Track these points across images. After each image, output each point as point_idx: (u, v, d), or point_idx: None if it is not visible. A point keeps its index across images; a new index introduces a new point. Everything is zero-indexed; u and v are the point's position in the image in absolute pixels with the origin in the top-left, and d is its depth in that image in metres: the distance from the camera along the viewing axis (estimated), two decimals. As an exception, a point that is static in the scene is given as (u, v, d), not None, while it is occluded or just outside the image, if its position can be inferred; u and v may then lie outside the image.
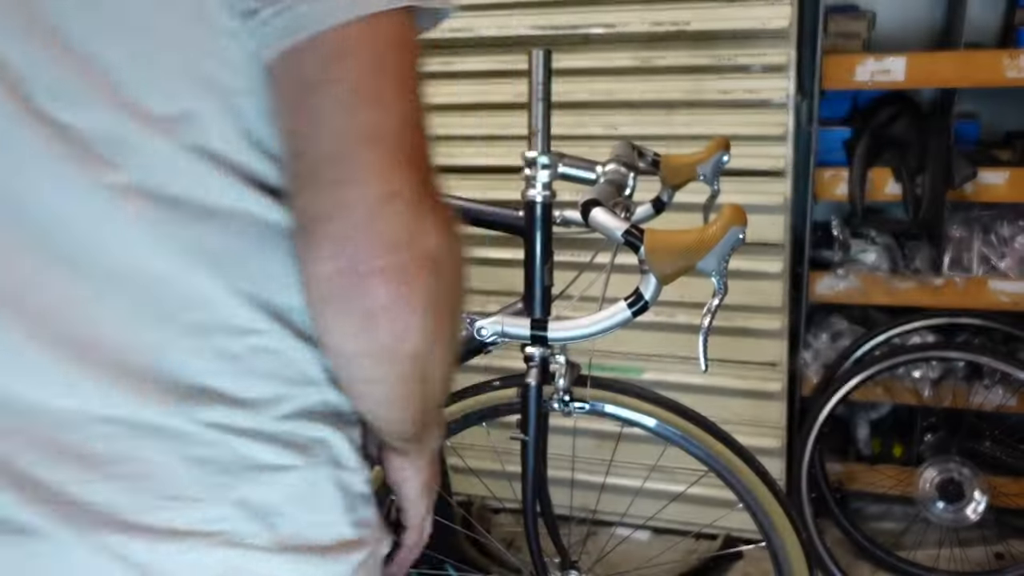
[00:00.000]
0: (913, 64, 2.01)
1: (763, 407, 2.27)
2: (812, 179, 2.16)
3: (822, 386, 2.27)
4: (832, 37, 2.16)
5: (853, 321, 2.37)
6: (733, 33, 2.00)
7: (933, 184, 2.03)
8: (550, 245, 1.17)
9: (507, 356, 1.47)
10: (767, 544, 1.30)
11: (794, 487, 2.21)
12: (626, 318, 1.02)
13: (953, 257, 2.18)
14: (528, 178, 1.13)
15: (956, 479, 2.21)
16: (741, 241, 0.96)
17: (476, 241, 2.29)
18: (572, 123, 2.14)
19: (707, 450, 1.27)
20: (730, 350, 2.23)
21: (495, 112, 2.21)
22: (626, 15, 2.04)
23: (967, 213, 2.19)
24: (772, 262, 2.12)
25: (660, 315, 2.20)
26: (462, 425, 1.38)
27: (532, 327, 1.13)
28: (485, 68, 2.18)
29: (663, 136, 2.09)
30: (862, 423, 2.43)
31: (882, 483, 2.34)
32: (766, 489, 1.26)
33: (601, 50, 2.11)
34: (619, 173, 1.21)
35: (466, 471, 2.34)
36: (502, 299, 2.12)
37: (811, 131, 2.13)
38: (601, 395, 1.27)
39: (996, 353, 2.10)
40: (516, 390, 1.28)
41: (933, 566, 2.22)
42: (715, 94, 2.06)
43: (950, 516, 2.22)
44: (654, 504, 2.02)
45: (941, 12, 2.27)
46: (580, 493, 2.13)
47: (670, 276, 0.98)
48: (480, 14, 2.13)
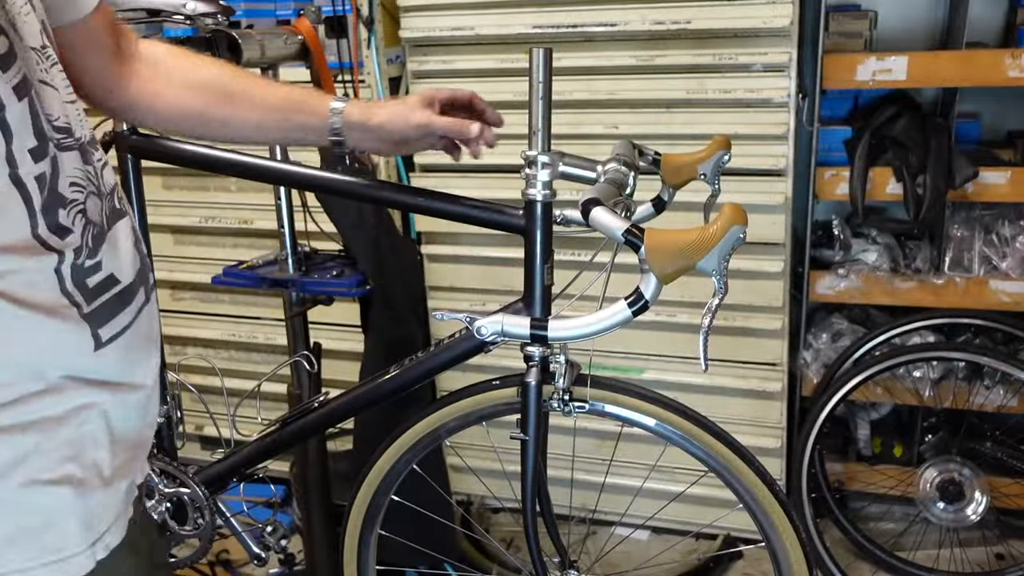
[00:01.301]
0: (914, 63, 2.00)
1: (763, 407, 2.26)
2: (813, 179, 2.16)
3: (822, 386, 2.26)
4: (833, 36, 2.16)
5: (853, 321, 2.37)
6: (734, 32, 2.00)
7: (934, 184, 2.03)
8: (550, 244, 1.17)
9: (507, 356, 1.47)
10: (767, 544, 1.30)
11: (794, 487, 2.21)
12: (626, 317, 1.02)
13: (954, 257, 2.18)
14: (528, 177, 1.13)
15: (956, 479, 2.21)
16: (742, 240, 0.96)
17: (476, 240, 2.29)
18: (572, 122, 2.14)
19: (707, 450, 1.27)
20: (730, 350, 2.23)
21: (496, 111, 2.20)
22: (627, 14, 2.03)
23: (968, 213, 2.19)
24: (772, 262, 2.12)
25: (660, 314, 2.20)
26: (462, 424, 1.38)
27: (532, 326, 1.12)
28: (485, 67, 2.18)
29: (664, 135, 2.09)
30: (862, 423, 2.43)
31: (882, 483, 2.34)
32: (766, 489, 1.26)
33: (602, 49, 2.10)
34: (619, 172, 1.20)
35: (466, 470, 2.34)
36: (502, 298, 2.13)
37: (812, 130, 2.13)
38: (601, 395, 1.27)
39: (997, 353, 2.10)
40: (516, 390, 1.28)
41: (933, 566, 2.21)
42: (716, 93, 2.06)
43: (950, 516, 2.22)
44: (654, 504, 2.02)
45: (943, 11, 2.27)
46: (580, 493, 2.13)
47: (670, 275, 0.98)
48: (480, 13, 2.13)
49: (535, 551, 1.30)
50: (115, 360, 0.81)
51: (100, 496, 0.81)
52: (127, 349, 0.82)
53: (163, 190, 2.50)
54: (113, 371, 0.81)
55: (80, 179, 0.78)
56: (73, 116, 0.80)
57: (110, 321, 0.80)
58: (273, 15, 2.21)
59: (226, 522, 1.56)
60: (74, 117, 0.80)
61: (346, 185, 1.33)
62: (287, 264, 1.78)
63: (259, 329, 2.55)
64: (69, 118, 0.78)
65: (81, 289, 0.77)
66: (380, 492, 1.45)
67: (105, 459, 0.81)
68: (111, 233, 0.82)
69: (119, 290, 0.81)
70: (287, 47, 1.66)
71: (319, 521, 1.86)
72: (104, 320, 0.79)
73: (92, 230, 0.78)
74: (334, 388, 1.59)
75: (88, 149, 0.81)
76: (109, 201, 0.83)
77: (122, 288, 0.82)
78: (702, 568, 2.31)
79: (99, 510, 0.81)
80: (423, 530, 1.62)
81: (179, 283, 2.59)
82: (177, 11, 1.47)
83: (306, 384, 1.78)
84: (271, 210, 1.79)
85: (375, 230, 1.83)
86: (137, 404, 0.85)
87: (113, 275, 0.81)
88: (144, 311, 0.86)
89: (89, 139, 0.82)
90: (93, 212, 0.79)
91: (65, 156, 0.76)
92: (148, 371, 0.88)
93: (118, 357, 0.81)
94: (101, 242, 0.80)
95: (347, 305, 2.00)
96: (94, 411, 0.80)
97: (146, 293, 0.87)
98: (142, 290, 0.86)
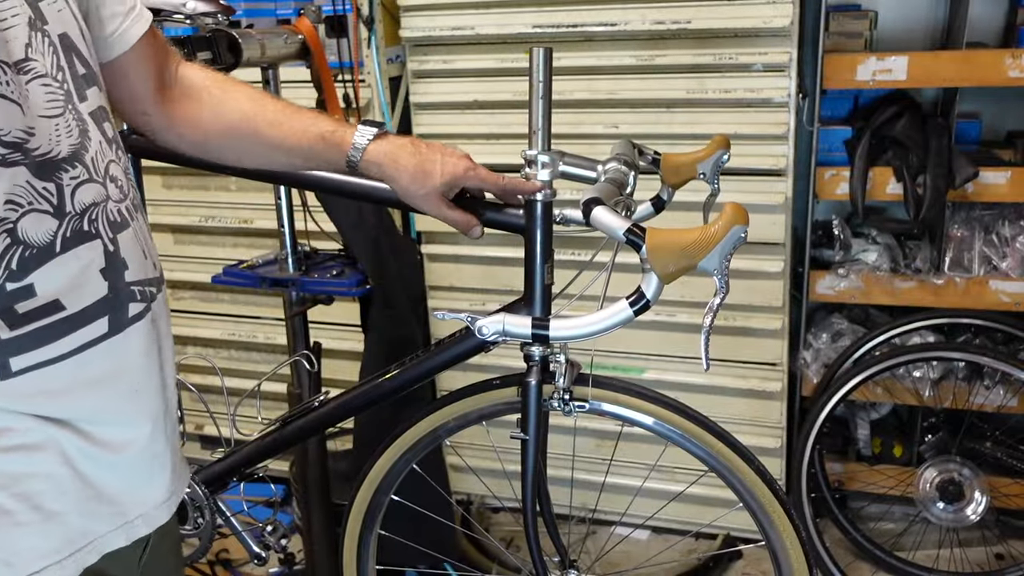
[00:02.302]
0: (915, 63, 2.00)
1: (763, 407, 2.26)
2: (813, 178, 2.16)
3: (822, 386, 2.26)
4: (834, 36, 2.16)
5: (853, 321, 2.37)
6: (734, 32, 2.00)
7: (934, 184, 2.02)
8: (551, 244, 1.17)
9: (507, 355, 1.47)
10: (767, 544, 1.30)
11: (794, 487, 2.21)
12: (627, 317, 1.02)
13: (954, 257, 2.18)
14: (528, 176, 1.13)
15: (956, 479, 2.21)
16: (743, 240, 0.96)
17: (476, 240, 2.29)
18: (573, 121, 2.14)
19: (707, 449, 1.27)
20: (730, 350, 2.23)
21: (496, 110, 2.20)
22: (627, 14, 2.03)
23: (968, 213, 2.19)
24: (773, 261, 2.12)
25: (661, 314, 2.20)
26: (462, 424, 1.38)
27: (533, 326, 1.12)
28: (486, 66, 2.18)
29: (664, 135, 2.09)
30: (862, 423, 2.42)
31: (882, 483, 2.34)
32: (766, 488, 1.26)
33: (602, 49, 2.10)
34: (620, 172, 1.20)
35: (466, 470, 2.34)
36: (502, 298, 2.13)
37: (812, 130, 2.13)
38: (601, 394, 1.27)
39: (997, 353, 2.10)
40: (516, 389, 1.28)
41: (933, 566, 2.21)
42: (716, 93, 2.06)
43: (950, 516, 2.22)
44: (654, 503, 2.02)
45: (943, 11, 2.27)
46: (580, 492, 2.13)
47: (672, 275, 0.98)
48: (481, 12, 2.13)
49: (535, 551, 1.30)
50: (37, 393, 0.77)
51: (28, 535, 0.79)
52: (67, 383, 0.78)
53: (163, 189, 2.50)
54: (48, 408, 0.78)
55: (20, 196, 0.74)
56: (47, 131, 0.76)
57: (34, 350, 0.76)
58: (273, 14, 2.21)
59: (226, 521, 1.56)
60: (45, 132, 0.76)
61: (346, 184, 1.33)
62: (287, 263, 1.78)
63: (259, 328, 2.55)
64: (32, 132, 0.75)
65: (6, 314, 0.73)
66: (380, 492, 1.45)
67: (51, 501, 0.79)
68: (65, 256, 0.77)
69: (63, 317, 0.77)
70: (287, 46, 1.66)
71: (319, 521, 1.86)
72: (25, 348, 0.75)
73: (23, 251, 0.74)
74: (334, 388, 1.59)
75: (62, 166, 0.77)
76: (75, 222, 0.78)
77: (68, 315, 0.77)
78: (702, 568, 2.31)
79: (23, 550, 0.79)
80: (423, 530, 1.62)
81: (179, 282, 2.59)
82: (177, 10, 1.46)
83: (306, 384, 1.78)
84: (271, 209, 1.79)
85: (375, 230, 1.83)
86: (117, 463, 0.84)
87: (58, 301, 0.76)
88: (108, 344, 0.81)
89: (66, 155, 0.78)
90: (32, 232, 0.75)
91: (6, 172, 0.73)
92: (130, 420, 0.85)
93: (41, 390, 0.77)
94: (38, 264, 0.75)
95: (347, 305, 2.00)
96: (45, 451, 0.78)
97: (114, 324, 0.82)
98: (104, 319, 0.81)
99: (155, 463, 0.90)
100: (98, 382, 0.82)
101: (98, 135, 0.84)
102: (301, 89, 1.86)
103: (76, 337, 0.79)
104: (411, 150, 1.10)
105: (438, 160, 1.10)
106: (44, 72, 0.78)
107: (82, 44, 0.85)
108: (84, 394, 0.81)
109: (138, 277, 0.85)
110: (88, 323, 0.80)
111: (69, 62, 0.82)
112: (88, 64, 0.85)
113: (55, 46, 0.80)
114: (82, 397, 0.81)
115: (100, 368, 0.81)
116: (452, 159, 1.11)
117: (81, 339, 0.79)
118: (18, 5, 0.77)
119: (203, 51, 1.46)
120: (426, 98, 2.25)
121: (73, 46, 0.83)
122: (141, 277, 0.86)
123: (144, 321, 0.86)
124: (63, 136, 0.78)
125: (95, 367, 0.81)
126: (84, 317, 0.79)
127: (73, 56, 0.83)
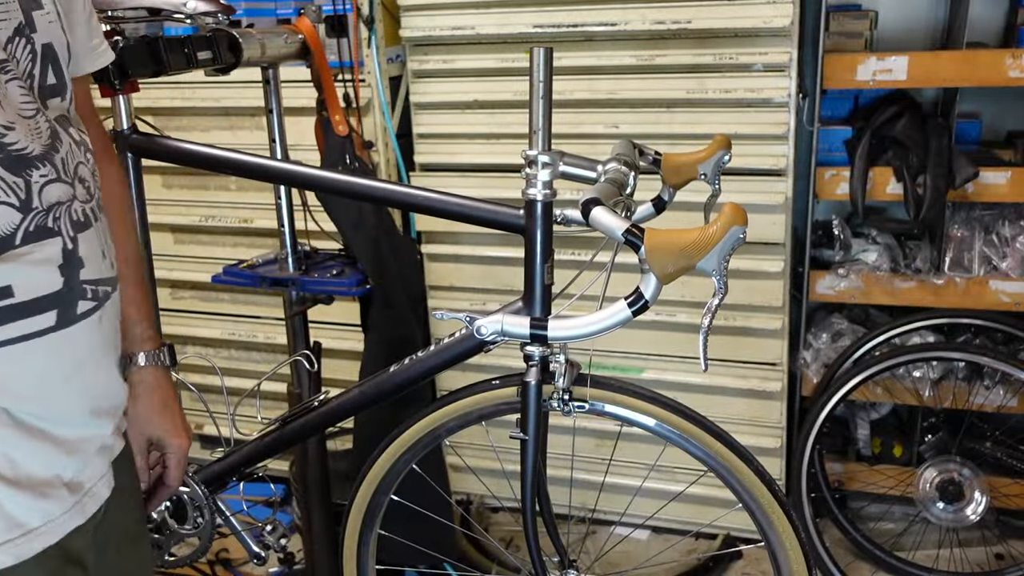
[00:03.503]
0: (915, 63, 2.00)
1: (763, 407, 2.26)
2: (813, 178, 2.16)
3: (822, 386, 2.26)
4: (834, 36, 2.16)
5: (853, 321, 2.37)
6: (735, 32, 2.00)
7: (934, 184, 2.03)
8: (550, 244, 1.17)
9: (507, 355, 1.47)
10: (766, 544, 1.30)
11: (793, 487, 2.21)
12: (626, 317, 1.02)
13: (954, 257, 2.18)
14: (529, 176, 1.13)
15: (956, 479, 2.21)
16: (742, 240, 0.96)
17: (476, 240, 2.29)
18: (573, 121, 2.14)
19: (706, 450, 1.27)
20: (730, 350, 2.23)
21: (496, 110, 2.20)
22: (627, 13, 2.03)
23: (968, 213, 2.19)
24: (773, 261, 2.12)
25: (660, 314, 2.20)
26: (462, 424, 1.38)
27: (532, 326, 1.12)
28: (486, 66, 2.18)
29: (664, 135, 2.09)
30: (862, 423, 2.43)
31: (882, 483, 2.34)
32: (765, 489, 1.26)
33: (602, 48, 2.10)
34: (620, 172, 1.20)
35: (465, 470, 2.34)
36: (502, 298, 2.12)
37: (812, 130, 2.13)
38: (601, 394, 1.27)
39: (997, 353, 2.10)
40: (516, 389, 1.28)
41: (933, 566, 2.21)
42: (716, 93, 2.06)
43: (950, 516, 2.22)
44: (653, 503, 2.02)
45: (943, 11, 2.27)
46: (579, 492, 2.13)
47: (671, 275, 0.98)
48: (481, 12, 2.13)
49: (535, 550, 1.30)
50: None
51: None
52: (9, 370, 0.81)
53: (163, 189, 2.50)
54: None
55: None
56: (23, 129, 0.80)
57: None
58: (274, 14, 2.21)
59: (226, 521, 1.56)
60: (22, 130, 0.80)
61: (346, 184, 1.33)
62: (287, 263, 1.78)
63: (259, 328, 2.55)
64: (12, 127, 0.79)
65: None
66: (380, 491, 1.45)
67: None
68: (23, 248, 0.80)
69: (11, 304, 0.80)
70: (287, 46, 1.66)
71: (319, 520, 1.86)
72: None
73: None
74: (334, 387, 1.59)
75: (33, 163, 0.80)
76: (40, 218, 0.82)
77: (15, 303, 0.80)
78: (702, 568, 2.31)
79: None
80: (423, 530, 1.62)
81: (179, 282, 2.59)
82: (178, 10, 1.46)
83: (306, 383, 1.78)
84: (271, 209, 1.79)
85: (375, 229, 1.83)
86: (43, 452, 0.84)
87: (9, 288, 0.80)
88: (54, 337, 0.84)
89: (38, 154, 0.81)
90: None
91: None
92: (75, 416, 0.87)
93: None
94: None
95: (347, 304, 2.00)
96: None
97: (62, 319, 0.84)
98: (53, 313, 0.83)
99: (101, 455, 0.94)
100: (42, 375, 0.84)
101: (68, 138, 0.87)
102: (301, 89, 1.86)
103: (21, 325, 0.81)
104: (162, 397, 1.16)
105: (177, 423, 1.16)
106: (17, 76, 0.82)
107: (64, 57, 0.89)
108: (27, 384, 0.83)
109: (93, 276, 0.88)
110: (36, 314, 0.82)
111: (43, 70, 0.85)
112: (62, 76, 0.89)
113: (35, 54, 0.84)
114: (24, 387, 0.83)
115: (44, 360, 0.84)
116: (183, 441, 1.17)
117: (27, 328, 0.81)
118: (13, 9, 0.81)
119: (203, 51, 1.46)
120: (426, 98, 2.25)
121: (54, 57, 0.87)
122: (96, 276, 0.89)
123: (93, 319, 0.88)
124: (35, 136, 0.82)
125: (38, 358, 0.83)
126: (33, 307, 0.82)
127: (49, 66, 0.87)
